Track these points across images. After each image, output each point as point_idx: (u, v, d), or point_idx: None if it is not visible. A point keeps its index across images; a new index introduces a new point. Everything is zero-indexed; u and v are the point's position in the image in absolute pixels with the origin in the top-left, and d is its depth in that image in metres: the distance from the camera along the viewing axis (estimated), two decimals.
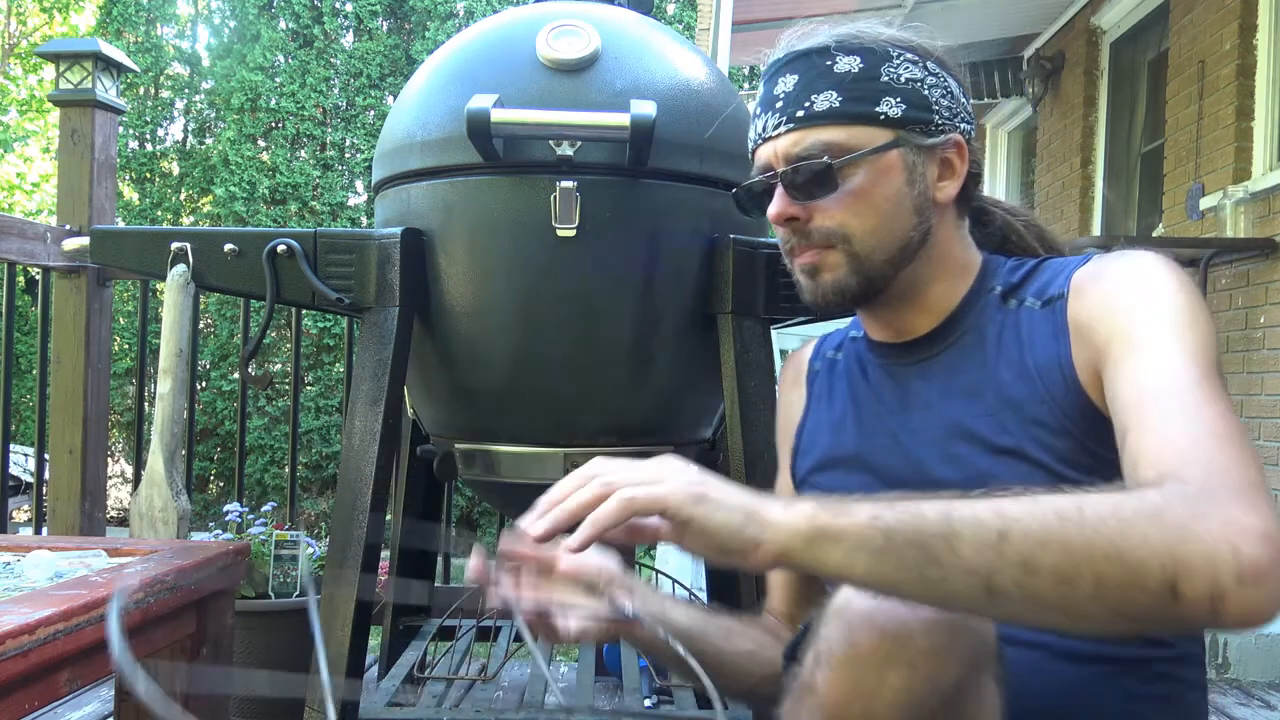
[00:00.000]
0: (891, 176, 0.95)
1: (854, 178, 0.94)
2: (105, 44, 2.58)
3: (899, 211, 0.96)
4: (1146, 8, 4.55)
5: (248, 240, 1.55)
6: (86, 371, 2.56)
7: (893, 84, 0.95)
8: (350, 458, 1.48)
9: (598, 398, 1.55)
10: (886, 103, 0.95)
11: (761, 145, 0.99)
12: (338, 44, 7.63)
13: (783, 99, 0.97)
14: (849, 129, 0.95)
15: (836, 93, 0.95)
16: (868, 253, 0.96)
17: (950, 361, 0.97)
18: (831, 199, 0.95)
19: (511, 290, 1.48)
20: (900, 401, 1.00)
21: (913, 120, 0.95)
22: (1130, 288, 0.85)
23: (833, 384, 1.10)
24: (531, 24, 1.51)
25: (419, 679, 1.84)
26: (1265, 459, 3.36)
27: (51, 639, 0.90)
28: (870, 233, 0.95)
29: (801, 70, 0.96)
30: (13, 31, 12.41)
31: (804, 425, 1.11)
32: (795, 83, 0.96)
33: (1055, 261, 0.98)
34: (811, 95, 0.95)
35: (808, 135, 0.95)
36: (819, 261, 0.97)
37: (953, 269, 1.00)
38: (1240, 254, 3.48)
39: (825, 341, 1.16)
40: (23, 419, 7.07)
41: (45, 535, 2.56)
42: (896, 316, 1.01)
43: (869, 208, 0.95)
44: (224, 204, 7.33)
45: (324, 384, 7.06)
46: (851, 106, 0.95)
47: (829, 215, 0.95)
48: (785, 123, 0.96)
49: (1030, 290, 0.96)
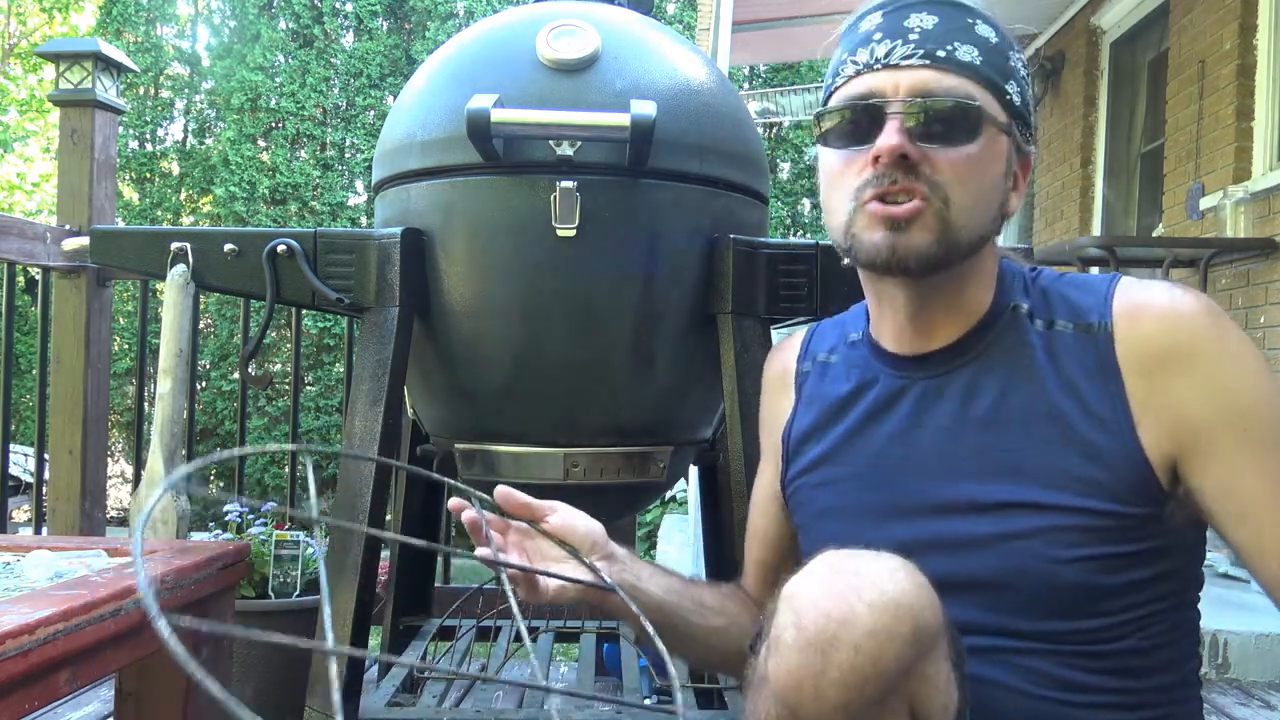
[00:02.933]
0: (999, 161, 0.91)
1: (975, 144, 0.88)
2: (105, 44, 2.58)
3: (993, 199, 0.92)
4: (1146, 8, 4.55)
5: (248, 240, 1.55)
6: (86, 371, 2.56)
7: (1015, 71, 0.92)
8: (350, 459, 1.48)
9: (598, 398, 1.55)
10: (1011, 86, 0.91)
11: (872, 72, 0.90)
12: (338, 44, 7.63)
13: (918, 33, 0.89)
14: (985, 93, 0.89)
15: (978, 51, 0.89)
16: (960, 224, 0.88)
17: (971, 380, 0.93)
18: (955, 152, 0.88)
19: (511, 290, 1.48)
20: (912, 419, 0.96)
21: (1021, 117, 0.92)
22: (1226, 384, 0.85)
23: (825, 390, 1.05)
24: (531, 24, 1.51)
25: (419, 679, 1.84)
26: None
27: (51, 639, 0.90)
28: (969, 206, 0.89)
29: (942, 15, 0.90)
30: (13, 31, 12.41)
31: (792, 428, 1.08)
32: (935, 23, 0.89)
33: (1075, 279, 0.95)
34: (955, 41, 0.89)
35: (946, 78, 0.88)
36: (913, 214, 0.87)
37: (987, 275, 0.96)
38: (1240, 254, 3.48)
39: (813, 340, 1.11)
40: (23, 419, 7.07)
41: (45, 535, 2.56)
42: (924, 321, 0.95)
43: (976, 180, 0.89)
44: (224, 204, 7.33)
45: (324, 384, 7.06)
46: (990, 72, 0.89)
47: (939, 168, 0.88)
48: (921, 56, 0.88)
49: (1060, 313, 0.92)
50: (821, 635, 0.72)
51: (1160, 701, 0.90)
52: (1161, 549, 0.87)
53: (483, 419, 1.60)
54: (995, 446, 0.90)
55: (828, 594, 0.74)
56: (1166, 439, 0.85)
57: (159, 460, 1.52)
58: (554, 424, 1.55)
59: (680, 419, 1.66)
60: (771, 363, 1.16)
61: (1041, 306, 0.94)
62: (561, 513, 1.01)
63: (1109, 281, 0.92)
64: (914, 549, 0.81)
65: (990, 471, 0.90)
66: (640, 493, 1.77)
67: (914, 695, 0.76)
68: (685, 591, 1.05)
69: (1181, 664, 0.92)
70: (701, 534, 2.05)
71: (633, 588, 0.99)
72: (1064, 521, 0.86)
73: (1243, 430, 0.83)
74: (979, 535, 0.89)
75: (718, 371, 1.53)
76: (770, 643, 0.76)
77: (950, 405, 0.94)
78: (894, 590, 0.74)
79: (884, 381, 0.99)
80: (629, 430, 1.58)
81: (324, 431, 6.88)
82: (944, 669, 0.78)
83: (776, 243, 1.55)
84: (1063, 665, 0.87)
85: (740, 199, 1.58)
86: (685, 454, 1.71)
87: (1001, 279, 0.97)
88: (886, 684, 0.72)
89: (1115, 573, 0.86)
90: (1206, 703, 2.29)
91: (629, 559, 1.03)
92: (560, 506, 1.02)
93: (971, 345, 0.94)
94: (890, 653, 0.72)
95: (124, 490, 7.41)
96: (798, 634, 0.74)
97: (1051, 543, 0.86)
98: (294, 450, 0.88)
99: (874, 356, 1.01)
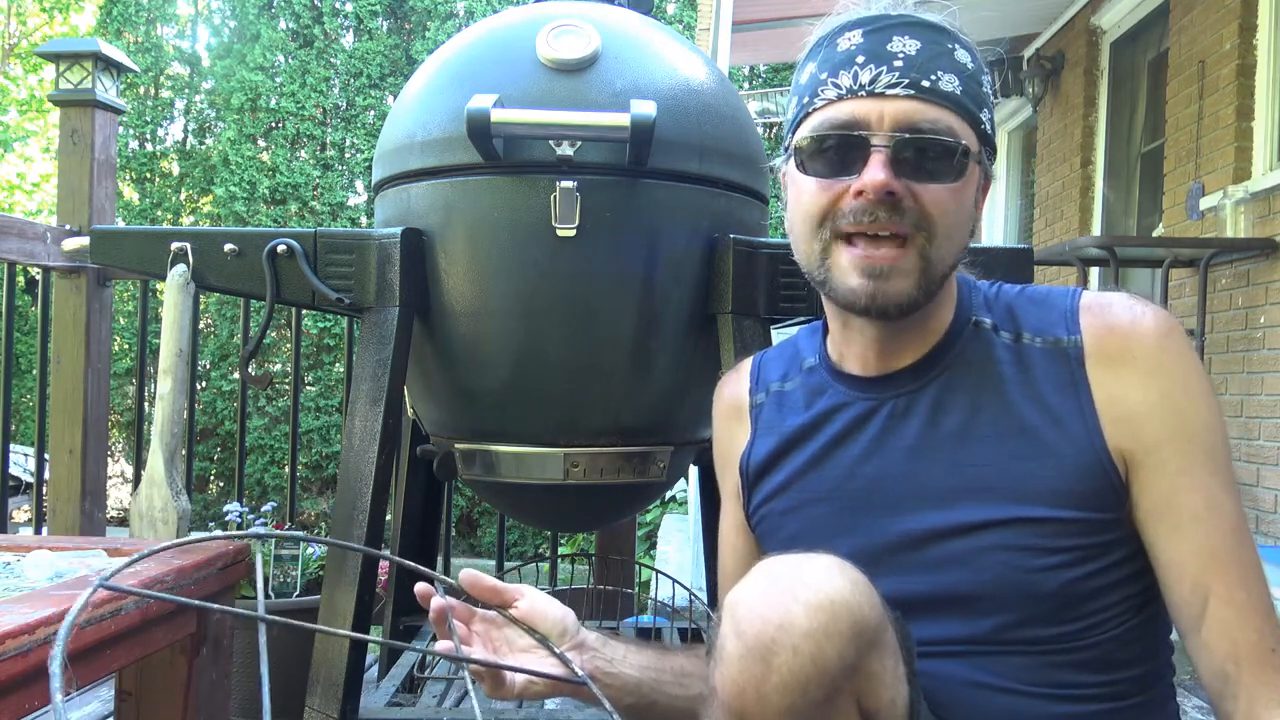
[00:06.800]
0: (972, 189, 0.90)
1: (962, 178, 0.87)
2: (105, 44, 2.58)
3: (966, 226, 0.91)
4: (1146, 8, 4.55)
5: (248, 240, 1.55)
6: (86, 371, 2.56)
7: (987, 98, 0.90)
8: (350, 458, 1.48)
9: (598, 397, 1.55)
10: (984, 114, 0.90)
11: (856, 99, 0.87)
12: (338, 44, 7.64)
13: (903, 59, 0.86)
14: (964, 124, 0.87)
15: (959, 80, 0.87)
16: (938, 258, 0.88)
17: (938, 397, 0.93)
18: (940, 188, 0.86)
19: (511, 290, 1.48)
20: (879, 439, 0.95)
21: (988, 144, 0.91)
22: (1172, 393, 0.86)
23: (784, 418, 1.03)
24: (531, 24, 1.51)
25: (419, 679, 1.84)
26: (1265, 459, 3.37)
27: (51, 639, 0.90)
28: (949, 238, 0.88)
29: (924, 39, 0.87)
30: (13, 31, 12.41)
31: (750, 459, 1.06)
32: (919, 48, 0.86)
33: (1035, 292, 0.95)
34: (938, 70, 0.86)
35: (930, 110, 0.85)
36: (895, 261, 0.87)
37: (949, 293, 0.95)
38: (1240, 254, 3.48)
39: (763, 370, 1.09)
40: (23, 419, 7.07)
41: (45, 535, 2.56)
42: (890, 343, 0.94)
43: (957, 209, 0.88)
44: (224, 204, 7.33)
45: (324, 384, 7.07)
46: (968, 102, 0.88)
47: (924, 203, 0.86)
48: (907, 85, 0.85)
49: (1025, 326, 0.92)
50: (760, 640, 0.73)
51: (1139, 690, 0.91)
52: (1134, 549, 0.88)
53: (483, 419, 1.60)
54: (966, 462, 0.90)
55: (764, 599, 0.74)
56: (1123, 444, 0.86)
57: (159, 460, 1.52)
58: (554, 424, 1.55)
59: (680, 419, 1.66)
60: (721, 396, 1.14)
61: (1006, 320, 0.93)
62: (529, 597, 0.99)
63: (1070, 296, 0.92)
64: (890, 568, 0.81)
65: (963, 487, 0.90)
66: (640, 493, 1.77)
67: (861, 691, 0.76)
68: (664, 664, 1.02)
69: (1157, 653, 0.93)
70: (701, 534, 2.05)
71: (606, 674, 0.97)
72: (1037, 533, 0.86)
73: (1186, 443, 0.84)
74: (954, 552, 0.89)
75: (718, 371, 1.53)
76: (715, 654, 0.77)
77: (918, 422, 0.93)
78: (829, 589, 0.74)
79: (851, 405, 0.97)
80: (629, 430, 1.58)
81: (324, 431, 6.88)
82: (890, 664, 0.78)
83: (776, 243, 1.55)
84: (1047, 666, 0.88)
85: (740, 199, 1.58)
86: (685, 454, 1.71)
87: (959, 293, 0.96)
88: (830, 683, 0.72)
89: (1091, 577, 0.87)
90: (1206, 702, 2.30)
91: (601, 643, 1.00)
92: (528, 591, 1.00)
93: (936, 362, 0.94)
94: (830, 651, 0.72)
95: (124, 490, 7.41)
96: (738, 641, 0.74)
97: (1026, 555, 0.86)
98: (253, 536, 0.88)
99: (835, 380, 1.00)
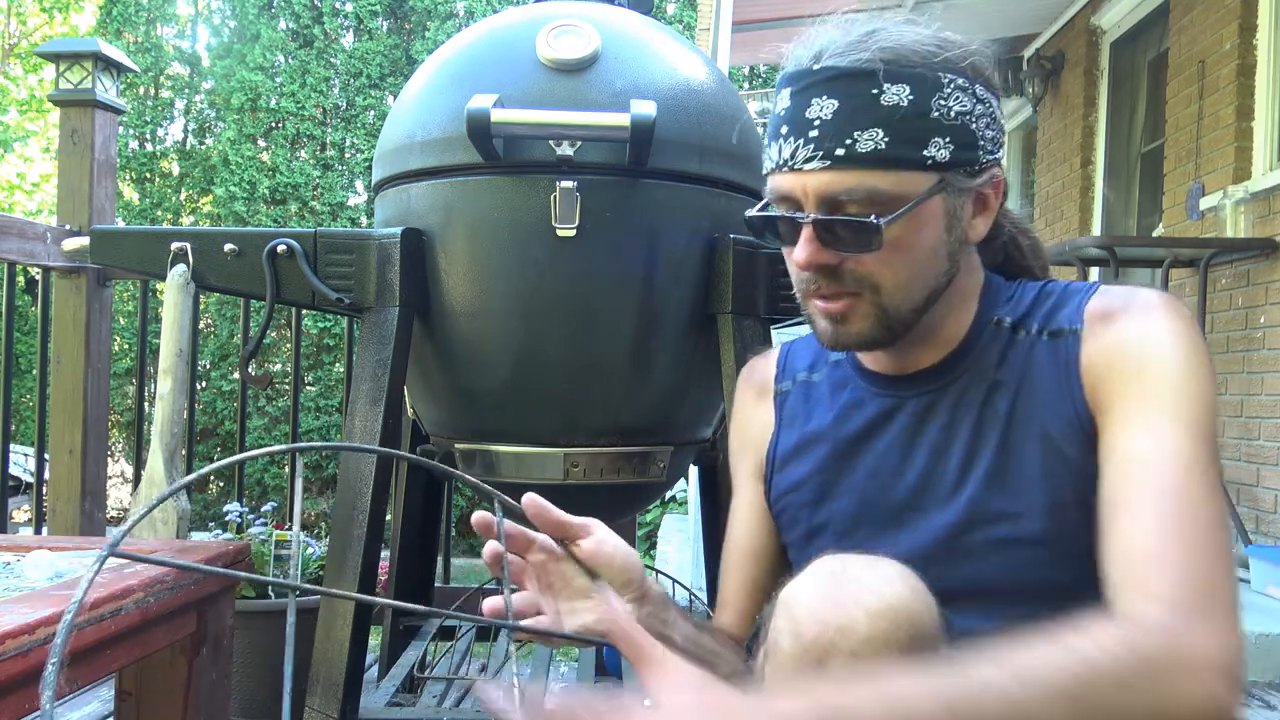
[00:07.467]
0: (930, 226, 0.88)
1: (891, 229, 0.86)
2: (105, 44, 2.58)
3: (934, 261, 0.90)
4: (1146, 8, 4.55)
5: (248, 240, 1.55)
6: (86, 371, 2.56)
7: (942, 120, 0.87)
8: (350, 458, 1.48)
9: (598, 398, 1.54)
10: (935, 144, 0.86)
11: (785, 173, 0.89)
12: (338, 44, 7.63)
13: (818, 127, 0.86)
14: (894, 175, 0.86)
15: (883, 131, 0.85)
16: (896, 305, 0.89)
17: (957, 397, 0.93)
18: (869, 254, 0.87)
19: (511, 290, 1.48)
20: (903, 436, 0.95)
21: (958, 162, 0.88)
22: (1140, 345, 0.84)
23: (811, 408, 1.03)
24: (531, 24, 1.51)
25: (419, 679, 1.84)
26: (1265, 459, 3.36)
27: (51, 639, 0.90)
28: (902, 285, 0.89)
29: (842, 96, 0.86)
30: (13, 31, 12.41)
31: (775, 447, 1.05)
32: (834, 110, 0.85)
33: (1056, 287, 0.95)
34: (854, 131, 0.85)
35: (847, 178, 0.85)
36: (847, 310, 0.90)
37: (965, 297, 0.95)
38: (1240, 254, 3.48)
39: (791, 358, 1.10)
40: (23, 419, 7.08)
41: (45, 535, 2.56)
42: (903, 353, 0.95)
43: (904, 259, 0.88)
44: (224, 204, 7.33)
45: (324, 384, 7.06)
46: (898, 150, 0.85)
47: (862, 263, 0.88)
48: (821, 158, 0.86)
49: (1036, 320, 0.92)
50: (818, 643, 0.72)
51: None
52: None
53: (483, 419, 1.60)
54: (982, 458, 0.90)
55: (825, 601, 0.74)
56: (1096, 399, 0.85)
57: (159, 460, 1.52)
58: (554, 424, 1.55)
59: (680, 419, 1.66)
60: (750, 379, 1.13)
61: (1026, 318, 0.93)
62: (597, 535, 0.93)
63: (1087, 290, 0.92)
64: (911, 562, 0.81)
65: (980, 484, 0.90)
66: (640, 493, 1.77)
67: None
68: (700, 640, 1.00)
69: None
70: (701, 534, 2.05)
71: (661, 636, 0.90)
72: (1052, 524, 0.86)
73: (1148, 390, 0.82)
74: (974, 545, 0.89)
75: (718, 371, 1.53)
76: (768, 648, 0.76)
77: (940, 421, 0.94)
78: (892, 596, 0.74)
79: (875, 401, 0.98)
80: (629, 430, 1.58)
81: (324, 431, 6.88)
82: None
83: None
84: None
85: (740, 199, 1.58)
86: (685, 454, 1.71)
87: (984, 292, 0.96)
88: None
89: None
90: None
91: (663, 602, 0.97)
92: (596, 526, 0.94)
93: (957, 363, 0.94)
94: (887, 659, 0.72)
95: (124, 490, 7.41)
96: (795, 641, 0.74)
97: (1043, 546, 0.87)
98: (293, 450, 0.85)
99: (860, 376, 1.00)
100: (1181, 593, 0.71)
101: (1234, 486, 3.51)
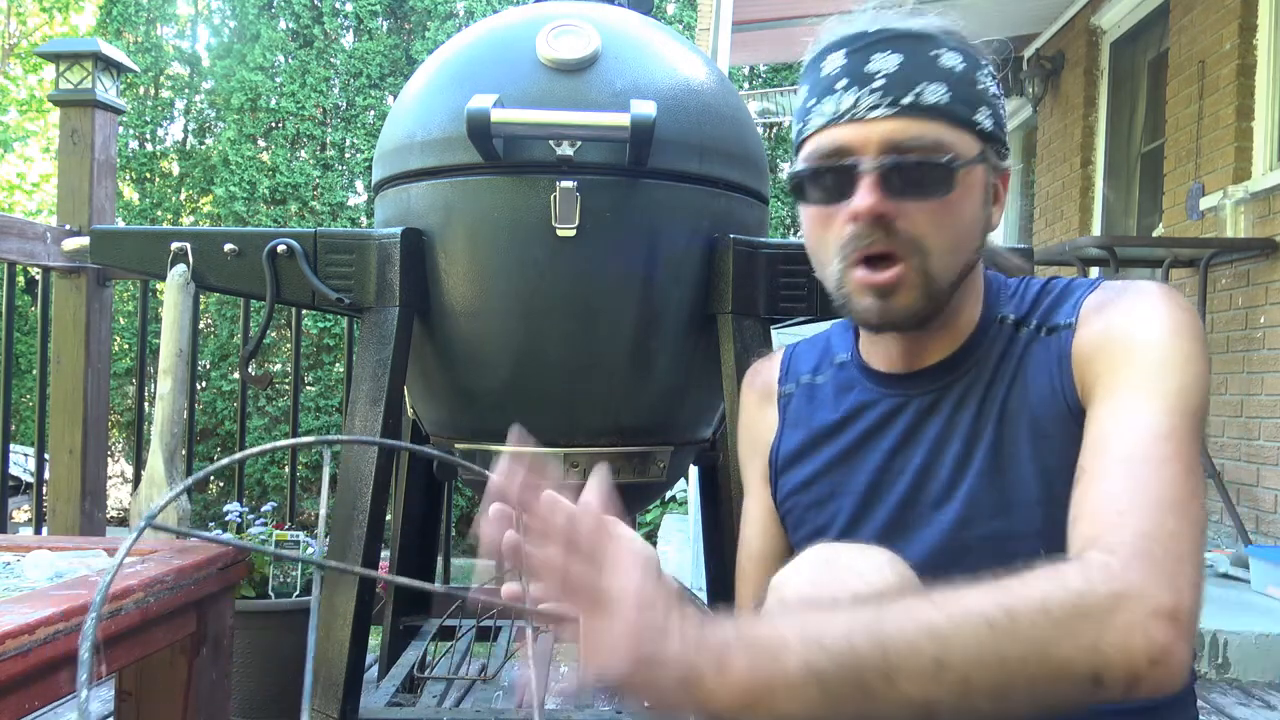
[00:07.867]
0: (975, 193, 0.90)
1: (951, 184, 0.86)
2: (105, 44, 2.58)
3: (973, 233, 0.91)
4: (1146, 8, 4.55)
5: (248, 240, 1.55)
6: (86, 371, 2.56)
7: (984, 94, 0.90)
8: (350, 458, 1.48)
9: (598, 398, 1.55)
10: (982, 112, 0.89)
11: (840, 125, 0.88)
12: (338, 44, 7.63)
13: (883, 78, 0.86)
14: (955, 132, 0.87)
15: (946, 88, 0.87)
16: (939, 272, 0.88)
17: (963, 394, 0.94)
18: (930, 204, 0.86)
19: (511, 290, 1.48)
20: (907, 435, 0.96)
21: (995, 138, 0.90)
22: (1125, 327, 0.84)
23: (815, 410, 1.04)
24: (531, 24, 1.51)
25: (419, 679, 1.84)
26: (1265, 459, 3.36)
27: (51, 639, 0.90)
28: (948, 250, 0.88)
29: (906, 52, 0.87)
30: (13, 31, 12.41)
31: (779, 448, 1.06)
32: (899, 63, 0.86)
33: (1059, 284, 0.95)
34: (920, 82, 0.86)
35: (913, 126, 0.86)
36: (896, 281, 0.88)
37: (976, 291, 0.96)
38: (1240, 254, 3.48)
39: (794, 361, 1.10)
40: (23, 419, 7.08)
41: (45, 535, 2.56)
42: (916, 343, 0.96)
43: (953, 222, 0.88)
44: (224, 204, 7.33)
45: (324, 384, 7.06)
46: (959, 108, 0.87)
47: (915, 222, 0.86)
48: (890, 104, 0.85)
49: (1036, 317, 0.93)
50: None
51: None
52: None
53: (483, 419, 1.60)
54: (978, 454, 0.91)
55: (815, 586, 0.76)
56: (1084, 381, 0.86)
57: (159, 460, 1.52)
58: (554, 424, 1.55)
59: (680, 419, 1.66)
60: (753, 383, 1.14)
61: (1028, 315, 0.94)
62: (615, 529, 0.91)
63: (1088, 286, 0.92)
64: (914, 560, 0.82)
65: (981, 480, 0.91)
66: (640, 493, 1.77)
67: None
68: None
69: None
70: (701, 534, 2.05)
71: None
72: (1047, 516, 0.87)
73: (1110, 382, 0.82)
74: (972, 540, 0.90)
75: (718, 371, 1.53)
76: None
77: (942, 419, 0.94)
78: (879, 583, 0.75)
79: (879, 401, 0.99)
80: (629, 430, 1.58)
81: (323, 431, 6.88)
82: None
83: (776, 243, 1.55)
84: None
85: (740, 199, 1.58)
86: (685, 454, 1.71)
87: (988, 291, 0.97)
88: None
89: None
90: (1207, 703, 2.29)
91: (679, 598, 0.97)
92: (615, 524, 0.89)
93: (963, 360, 0.95)
94: None
95: (124, 490, 7.41)
96: None
97: (1039, 539, 0.87)
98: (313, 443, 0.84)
99: (865, 377, 1.01)
100: (1136, 542, 0.70)
101: (1234, 486, 3.51)
